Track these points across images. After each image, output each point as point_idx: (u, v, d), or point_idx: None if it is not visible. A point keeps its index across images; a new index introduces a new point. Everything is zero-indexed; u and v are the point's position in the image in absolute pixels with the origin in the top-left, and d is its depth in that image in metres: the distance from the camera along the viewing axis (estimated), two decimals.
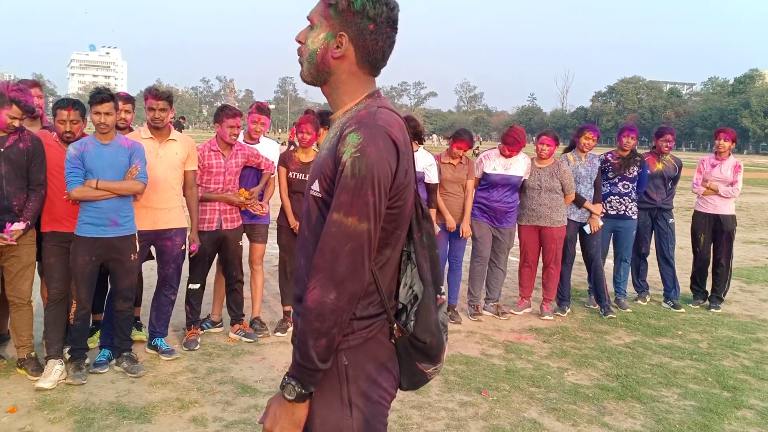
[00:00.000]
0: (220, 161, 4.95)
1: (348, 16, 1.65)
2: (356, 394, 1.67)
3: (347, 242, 1.54)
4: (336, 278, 1.54)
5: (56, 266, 4.24)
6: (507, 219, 6.07)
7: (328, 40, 1.68)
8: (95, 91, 4.11)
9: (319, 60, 1.70)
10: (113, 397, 3.99)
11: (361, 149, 1.54)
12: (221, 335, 5.25)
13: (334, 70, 1.70)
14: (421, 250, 1.75)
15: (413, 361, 1.75)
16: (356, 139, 1.55)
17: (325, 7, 1.68)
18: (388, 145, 1.58)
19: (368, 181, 1.53)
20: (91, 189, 4.03)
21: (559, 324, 5.95)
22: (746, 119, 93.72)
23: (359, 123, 1.58)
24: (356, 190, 1.53)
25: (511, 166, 5.97)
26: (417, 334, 1.70)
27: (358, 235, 1.54)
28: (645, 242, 6.75)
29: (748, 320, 6.31)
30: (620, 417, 4.01)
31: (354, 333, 1.66)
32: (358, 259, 1.55)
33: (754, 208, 17.14)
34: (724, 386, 4.55)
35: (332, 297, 1.54)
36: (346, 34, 1.66)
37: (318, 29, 1.69)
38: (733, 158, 6.62)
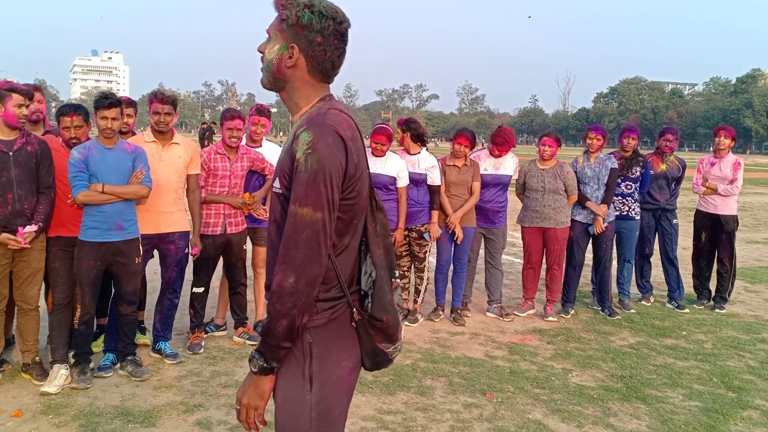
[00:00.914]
0: (226, 164, 4.95)
1: (298, 29, 1.81)
2: (318, 371, 1.81)
3: (303, 230, 1.69)
4: (294, 263, 1.70)
5: (61, 271, 4.25)
6: (499, 219, 6.11)
7: (281, 51, 1.84)
8: (101, 96, 4.12)
9: (275, 69, 1.86)
10: (118, 401, 3.99)
11: (312, 146, 1.70)
12: (225, 338, 5.25)
13: (288, 78, 1.87)
14: (374, 238, 1.90)
15: (374, 342, 1.90)
16: (307, 137, 1.71)
17: (280, 22, 1.84)
18: (337, 142, 1.73)
19: (320, 174, 1.69)
20: (96, 193, 4.04)
21: (563, 325, 5.94)
22: (749, 119, 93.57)
23: (309, 123, 1.75)
24: (309, 183, 1.69)
25: (501, 165, 6.06)
26: (374, 313, 1.84)
27: (313, 224, 1.69)
28: (649, 243, 6.74)
29: (753, 320, 6.29)
30: (625, 418, 4.00)
31: (318, 313, 1.80)
32: (314, 245, 1.70)
33: (757, 208, 17.11)
34: (729, 387, 4.54)
35: (291, 281, 1.69)
36: (297, 45, 1.82)
37: (273, 41, 1.86)
38: (732, 156, 6.61)
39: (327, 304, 1.81)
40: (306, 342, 1.79)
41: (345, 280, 1.83)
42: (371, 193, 1.92)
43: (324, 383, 1.81)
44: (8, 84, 4.07)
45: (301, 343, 1.79)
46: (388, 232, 1.98)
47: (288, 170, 1.76)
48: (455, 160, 5.88)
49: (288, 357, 1.80)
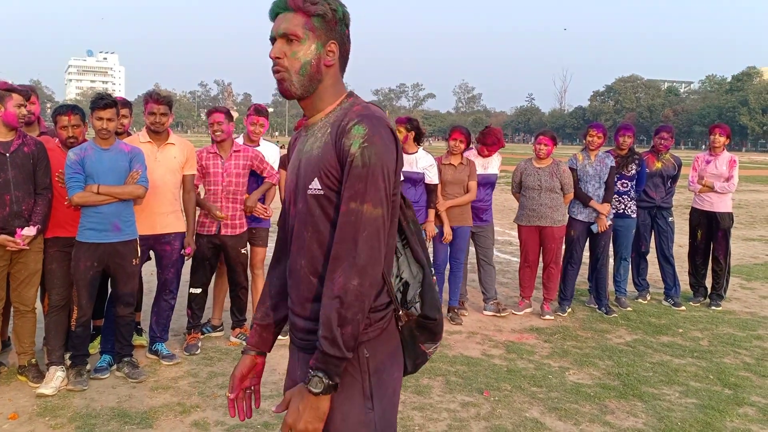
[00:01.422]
0: (218, 162, 4.94)
1: (332, 24, 1.74)
2: (377, 386, 1.72)
3: (365, 229, 1.60)
4: (358, 265, 1.59)
5: (58, 272, 4.24)
6: (487, 216, 6.17)
7: (319, 51, 1.74)
8: (98, 97, 4.11)
9: (313, 71, 1.74)
10: (114, 402, 3.98)
11: (368, 139, 1.62)
12: (222, 339, 5.25)
13: (323, 78, 1.77)
14: (411, 235, 1.84)
15: (417, 344, 1.84)
16: (362, 130, 1.63)
17: (308, 20, 1.72)
18: (389, 135, 1.67)
19: (378, 168, 1.61)
20: (92, 194, 4.03)
21: (559, 323, 5.95)
22: (744, 117, 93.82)
23: (360, 116, 1.66)
24: (369, 178, 1.61)
25: (488, 165, 6.14)
26: (427, 313, 1.78)
27: (373, 221, 1.61)
28: (645, 241, 6.76)
29: (749, 317, 6.31)
30: (622, 415, 4.01)
31: (372, 325, 1.71)
32: (375, 244, 1.61)
33: (753, 206, 17.15)
34: (725, 384, 4.55)
35: (355, 283, 1.58)
36: (335, 41, 1.75)
37: (305, 42, 1.73)
38: (727, 153, 6.63)
39: (380, 313, 1.72)
40: (363, 357, 1.69)
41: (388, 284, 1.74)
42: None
43: (382, 398, 1.72)
44: (7, 84, 4.07)
45: (357, 358, 1.68)
46: (419, 228, 1.91)
47: (332, 168, 1.66)
48: (451, 159, 5.89)
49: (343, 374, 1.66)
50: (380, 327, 1.72)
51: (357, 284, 1.59)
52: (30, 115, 4.42)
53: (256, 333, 1.99)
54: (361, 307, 1.60)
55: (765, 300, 7.02)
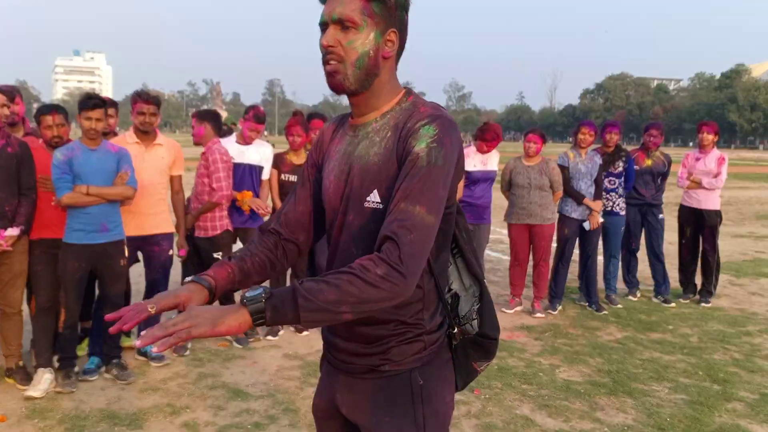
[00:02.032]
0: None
1: (393, 11, 1.54)
2: (429, 414, 1.59)
3: (411, 233, 1.39)
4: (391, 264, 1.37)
5: (44, 274, 4.20)
6: (486, 214, 6.15)
7: (377, 40, 1.54)
8: (86, 97, 4.07)
9: (372, 63, 1.54)
10: (104, 404, 3.96)
11: (438, 140, 1.46)
12: (211, 340, 5.23)
13: (380, 71, 1.57)
14: (466, 246, 1.67)
15: (470, 362, 1.71)
16: (432, 130, 1.47)
17: (367, 4, 1.52)
18: (458, 142, 1.52)
19: (442, 173, 1.45)
20: (82, 195, 3.99)
21: (550, 321, 5.96)
22: (733, 114, 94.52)
23: (431, 117, 1.50)
24: (429, 180, 1.43)
25: (488, 161, 6.11)
26: (486, 332, 1.65)
27: (424, 227, 1.41)
28: (635, 238, 6.78)
29: (738, 314, 6.35)
30: (612, 412, 4.02)
31: (426, 348, 1.59)
32: (419, 254, 1.40)
33: (742, 202, 17.27)
34: (714, 379, 4.58)
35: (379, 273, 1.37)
36: (396, 29, 1.56)
37: (365, 29, 1.52)
38: (716, 151, 6.67)
39: (435, 335, 1.59)
40: (416, 385, 1.57)
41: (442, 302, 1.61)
42: None
43: (434, 424, 1.59)
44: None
45: (408, 385, 1.57)
46: (471, 238, 1.73)
47: (394, 178, 1.48)
48: None
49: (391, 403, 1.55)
50: (434, 351, 1.60)
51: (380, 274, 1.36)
52: (14, 115, 4.37)
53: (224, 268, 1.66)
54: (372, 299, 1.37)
55: (754, 296, 7.06)
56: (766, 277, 8.05)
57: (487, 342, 1.68)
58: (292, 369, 4.61)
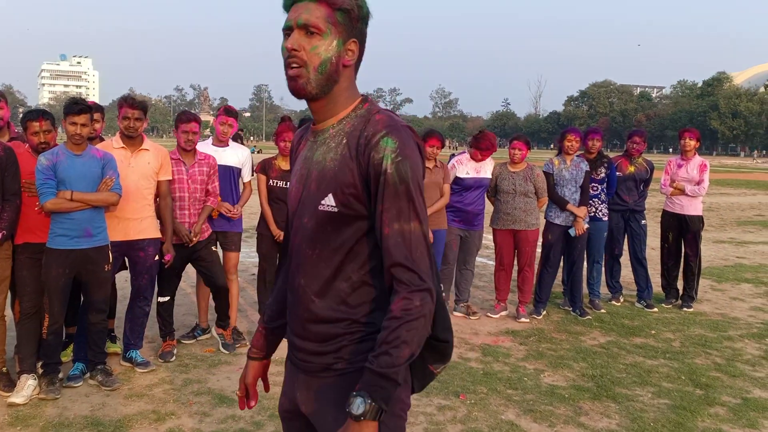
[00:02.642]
0: (181, 168, 4.89)
1: (355, 22, 1.61)
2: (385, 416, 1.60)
3: (417, 247, 1.53)
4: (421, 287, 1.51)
5: (29, 279, 4.17)
6: (478, 221, 6.20)
7: (339, 48, 1.60)
8: (71, 102, 4.05)
9: (333, 69, 1.60)
10: (88, 410, 3.93)
11: (401, 152, 1.52)
12: (197, 346, 5.20)
13: (339, 79, 1.63)
14: None
15: (426, 365, 1.74)
16: (393, 143, 1.52)
17: (331, 13, 1.58)
18: (416, 146, 1.59)
19: (415, 182, 1.54)
20: (65, 200, 3.97)
21: (535, 326, 6.01)
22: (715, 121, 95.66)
23: (388, 127, 1.55)
24: (410, 194, 1.53)
25: (481, 168, 6.15)
26: (438, 335, 1.67)
27: (423, 237, 1.55)
28: (618, 243, 6.85)
29: (720, 318, 6.43)
30: (596, 417, 4.06)
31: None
32: (429, 260, 1.55)
33: (723, 209, 17.47)
34: (696, 384, 4.63)
35: (417, 304, 1.51)
36: (357, 40, 1.63)
37: (329, 36, 1.58)
38: (698, 158, 6.76)
39: None
40: None
41: None
42: None
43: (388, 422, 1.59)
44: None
45: None
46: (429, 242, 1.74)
47: (350, 185, 1.55)
48: (426, 162, 5.92)
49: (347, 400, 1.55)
50: None
51: (419, 305, 1.50)
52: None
53: (262, 336, 1.93)
54: (419, 329, 1.50)
55: (735, 301, 7.16)
56: (746, 282, 8.16)
57: (440, 345, 1.70)
58: (278, 375, 4.60)
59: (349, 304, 1.61)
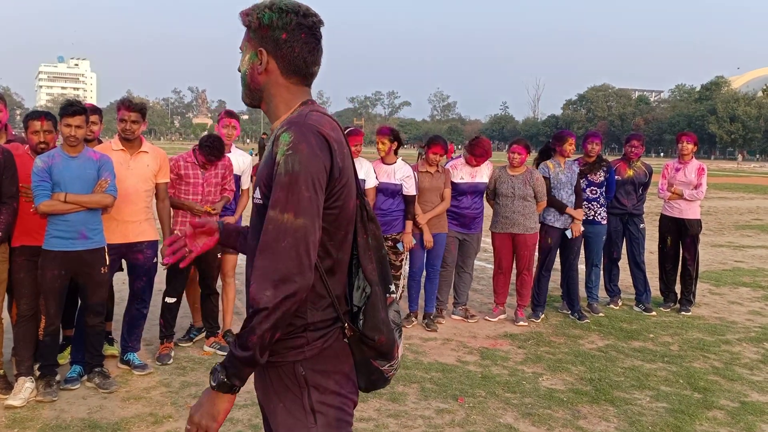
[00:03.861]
0: (197, 172, 4.91)
1: (262, 32, 1.74)
2: (318, 401, 1.70)
3: (284, 238, 1.56)
4: (275, 276, 1.55)
5: (26, 281, 4.16)
6: (475, 224, 6.20)
7: (252, 60, 1.77)
8: (67, 104, 4.05)
9: (249, 80, 1.79)
10: (85, 413, 3.92)
11: (293, 146, 1.59)
12: (195, 348, 5.20)
13: (263, 86, 1.78)
14: (366, 251, 1.78)
15: (368, 360, 1.78)
16: (288, 137, 1.61)
17: (246, 32, 1.79)
18: (320, 142, 1.63)
19: (302, 177, 1.57)
20: (59, 202, 3.97)
21: (533, 329, 6.00)
22: (713, 125, 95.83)
23: (290, 123, 1.66)
24: (290, 186, 1.57)
25: (477, 173, 6.15)
26: (366, 332, 1.72)
27: (295, 230, 1.56)
28: (617, 247, 6.86)
29: (718, 322, 6.43)
30: (594, 420, 4.06)
31: (309, 344, 1.69)
32: (296, 254, 1.55)
33: (721, 212, 17.49)
34: (694, 388, 4.63)
35: (269, 294, 1.54)
36: (264, 49, 1.75)
37: (244, 53, 1.80)
38: (696, 161, 6.77)
39: (319, 332, 1.70)
40: (299, 375, 1.69)
41: (337, 299, 1.73)
42: (361, 202, 1.80)
43: (327, 412, 1.71)
44: None
45: (294, 375, 1.69)
46: (381, 243, 1.85)
47: (268, 177, 1.64)
48: (428, 167, 5.92)
49: (284, 390, 1.69)
50: (318, 346, 1.69)
51: (270, 296, 1.54)
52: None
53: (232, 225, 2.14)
54: (270, 318, 1.54)
55: (733, 305, 7.16)
56: (745, 286, 8.16)
57: (368, 341, 1.74)
58: None
59: None
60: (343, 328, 1.74)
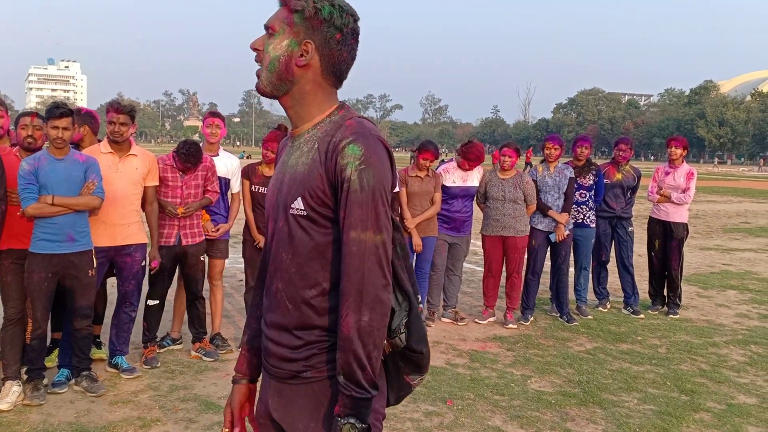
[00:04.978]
0: (176, 175, 4.89)
1: (314, 23, 1.60)
2: None
3: (369, 258, 1.51)
4: (367, 298, 1.51)
5: (13, 285, 4.13)
6: (465, 227, 6.23)
7: (292, 48, 1.62)
8: (53, 106, 4.04)
9: (282, 68, 1.63)
10: (72, 417, 3.90)
11: (365, 160, 1.52)
12: (183, 352, 5.18)
13: (297, 80, 1.64)
14: (397, 261, 1.69)
15: (402, 375, 1.74)
16: (358, 150, 1.53)
17: (289, 14, 1.62)
18: (385, 154, 1.58)
19: (377, 192, 1.53)
20: (46, 205, 3.95)
21: (522, 332, 6.02)
22: (702, 129, 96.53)
23: (355, 134, 1.55)
24: (368, 203, 1.52)
25: (468, 177, 6.19)
26: (412, 346, 1.67)
27: (376, 248, 1.52)
28: (605, 250, 6.89)
29: (705, 325, 6.47)
30: (582, 423, 4.08)
31: None
32: (381, 272, 1.53)
33: (710, 216, 17.61)
34: (682, 390, 4.66)
35: (366, 319, 1.51)
36: (312, 42, 1.61)
37: (280, 36, 1.62)
38: (686, 165, 6.83)
39: None
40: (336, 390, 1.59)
41: None
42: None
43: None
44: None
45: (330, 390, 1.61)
46: (408, 253, 1.77)
47: (318, 189, 1.55)
48: (417, 171, 5.94)
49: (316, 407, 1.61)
50: None
51: (368, 320, 1.51)
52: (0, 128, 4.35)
53: (245, 359, 1.88)
54: (376, 343, 1.52)
55: (721, 308, 7.21)
56: (732, 289, 8.23)
57: (414, 355, 1.69)
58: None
59: (320, 311, 1.61)
60: None
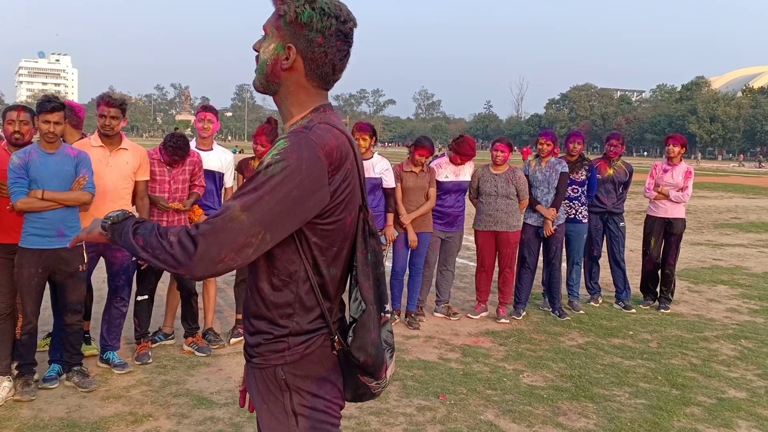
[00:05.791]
0: (164, 170, 4.86)
1: (296, 27, 1.64)
2: (299, 404, 1.70)
3: (218, 220, 1.48)
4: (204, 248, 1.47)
5: (3, 280, 4.10)
6: (458, 222, 6.24)
7: (277, 51, 1.68)
8: (44, 99, 4.00)
9: (269, 71, 1.70)
10: (64, 412, 3.88)
11: (283, 154, 1.54)
12: (176, 347, 5.16)
13: (282, 81, 1.70)
14: (363, 268, 1.71)
15: (355, 374, 1.76)
16: (283, 145, 1.57)
17: (277, 18, 1.67)
18: (314, 160, 1.55)
19: (274, 183, 1.51)
20: (36, 200, 3.92)
21: (514, 327, 6.04)
22: (693, 125, 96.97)
23: (292, 133, 1.61)
24: (258, 185, 1.51)
25: (460, 172, 6.20)
26: (352, 351, 1.69)
27: (231, 219, 1.48)
28: (597, 245, 6.92)
29: (696, 320, 6.51)
30: (574, 417, 4.09)
31: (290, 348, 1.69)
32: (215, 241, 1.47)
33: (701, 211, 17.70)
34: (673, 384, 4.69)
35: (191, 251, 1.47)
36: (294, 45, 1.66)
37: (269, 39, 1.69)
38: (684, 164, 6.85)
39: (301, 337, 1.68)
40: (279, 378, 1.69)
41: (328, 310, 1.71)
42: (365, 216, 1.74)
43: (309, 415, 1.71)
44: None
45: (275, 378, 1.69)
46: (381, 260, 1.80)
47: None
48: (412, 167, 5.93)
49: (267, 392, 1.70)
50: (299, 352, 1.68)
51: (167, 245, 1.49)
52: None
53: None
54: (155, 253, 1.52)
55: (711, 303, 7.25)
56: (723, 284, 8.27)
57: (354, 361, 1.70)
58: None
59: (268, 305, 1.69)
60: (332, 341, 1.72)
